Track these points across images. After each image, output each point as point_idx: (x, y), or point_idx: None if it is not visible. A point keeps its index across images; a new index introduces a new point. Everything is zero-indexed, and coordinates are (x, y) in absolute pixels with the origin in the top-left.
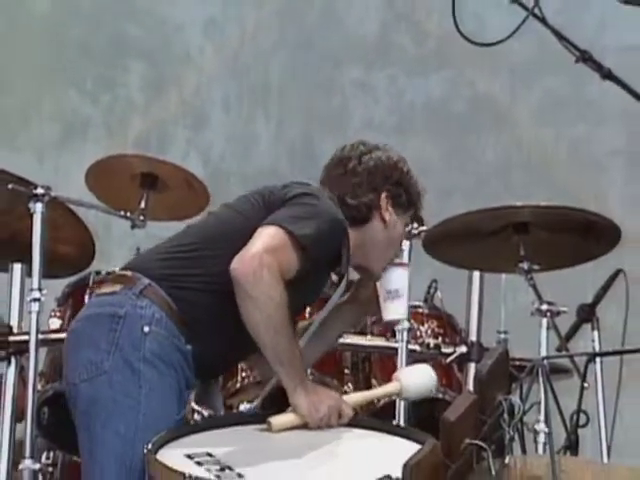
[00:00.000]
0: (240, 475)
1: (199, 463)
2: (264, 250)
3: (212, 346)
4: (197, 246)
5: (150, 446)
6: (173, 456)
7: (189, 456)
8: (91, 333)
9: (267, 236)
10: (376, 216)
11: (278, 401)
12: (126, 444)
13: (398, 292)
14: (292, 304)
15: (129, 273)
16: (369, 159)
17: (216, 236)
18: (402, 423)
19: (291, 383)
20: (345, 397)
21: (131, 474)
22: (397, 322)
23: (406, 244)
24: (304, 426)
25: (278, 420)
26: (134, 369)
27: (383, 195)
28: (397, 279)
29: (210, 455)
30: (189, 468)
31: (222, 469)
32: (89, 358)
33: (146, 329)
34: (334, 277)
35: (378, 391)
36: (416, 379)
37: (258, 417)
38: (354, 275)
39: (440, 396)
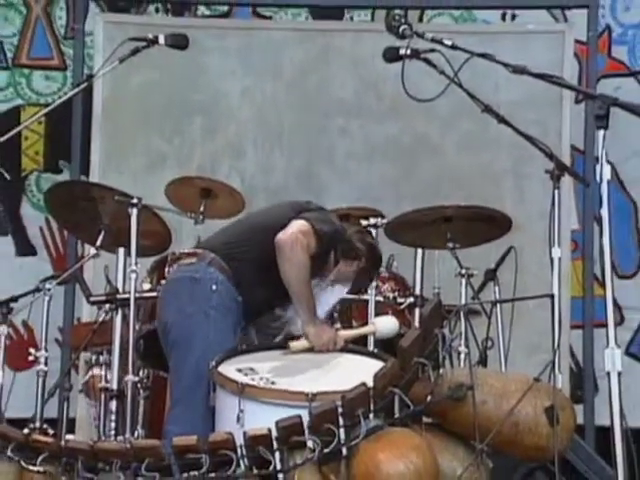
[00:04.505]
0: (273, 382)
1: (245, 374)
2: (298, 231)
3: (253, 298)
4: (245, 231)
5: (213, 363)
6: (228, 370)
7: (239, 370)
8: (177, 290)
9: (300, 224)
10: (351, 260)
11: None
12: (199, 361)
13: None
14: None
15: (200, 250)
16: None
17: (257, 226)
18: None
19: (306, 318)
20: (339, 332)
21: (202, 381)
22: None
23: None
24: (311, 349)
25: (295, 343)
26: (207, 314)
27: (363, 259)
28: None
29: (252, 369)
30: (239, 377)
31: (261, 378)
32: (176, 306)
33: (214, 287)
34: None
35: (360, 330)
36: (386, 326)
37: (282, 345)
38: None
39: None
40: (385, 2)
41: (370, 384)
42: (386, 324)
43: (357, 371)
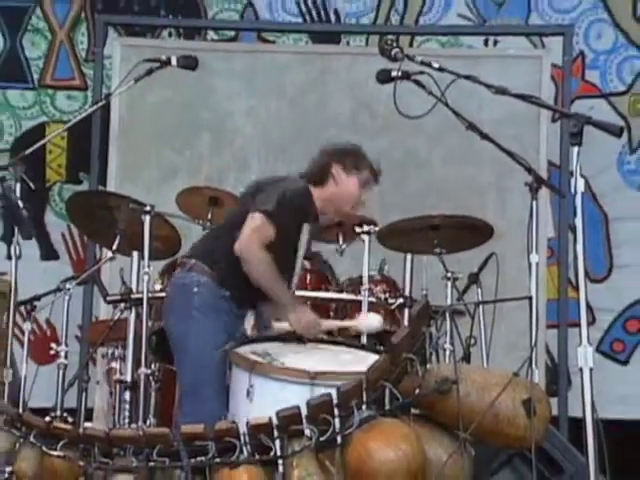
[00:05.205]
0: (282, 363)
1: (259, 356)
2: (251, 232)
3: (239, 289)
4: (220, 232)
5: (230, 345)
6: (244, 352)
7: (254, 352)
8: (171, 296)
9: (250, 222)
10: (330, 179)
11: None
12: (193, 361)
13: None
14: (282, 257)
15: (185, 259)
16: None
17: (227, 224)
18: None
19: (285, 308)
20: (324, 322)
21: (203, 376)
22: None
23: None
24: (294, 332)
25: (278, 325)
26: (191, 315)
27: (334, 163)
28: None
29: (267, 353)
30: (254, 357)
31: (272, 359)
32: (170, 310)
33: (195, 290)
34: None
35: (344, 323)
36: (371, 322)
37: (289, 337)
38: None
39: (388, 328)
40: (379, 28)
41: (364, 376)
42: (370, 320)
43: (357, 360)
